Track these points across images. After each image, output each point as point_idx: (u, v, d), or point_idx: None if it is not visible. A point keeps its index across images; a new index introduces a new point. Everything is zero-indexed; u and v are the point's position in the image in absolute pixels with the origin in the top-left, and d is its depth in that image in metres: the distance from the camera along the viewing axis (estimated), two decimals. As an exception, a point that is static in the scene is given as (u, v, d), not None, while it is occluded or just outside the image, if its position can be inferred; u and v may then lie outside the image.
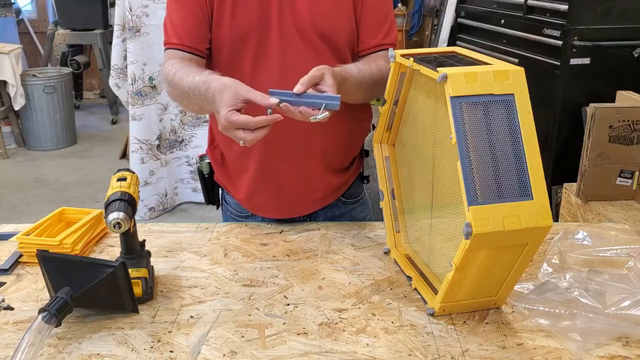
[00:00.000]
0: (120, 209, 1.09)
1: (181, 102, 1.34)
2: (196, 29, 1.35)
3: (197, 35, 1.35)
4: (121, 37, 3.84)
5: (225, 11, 1.33)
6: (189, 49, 1.35)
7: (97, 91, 6.93)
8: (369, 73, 1.30)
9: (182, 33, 1.35)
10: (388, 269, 1.27)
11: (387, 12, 1.40)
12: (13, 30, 6.25)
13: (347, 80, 1.22)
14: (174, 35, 1.36)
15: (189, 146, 3.95)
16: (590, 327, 1.02)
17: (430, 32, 5.69)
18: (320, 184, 1.46)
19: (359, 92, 1.30)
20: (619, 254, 1.24)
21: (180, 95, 1.29)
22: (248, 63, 1.35)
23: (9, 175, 4.63)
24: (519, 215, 0.95)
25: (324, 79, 1.12)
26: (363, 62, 1.34)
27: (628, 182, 2.58)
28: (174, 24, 1.36)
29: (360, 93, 1.31)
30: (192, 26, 1.34)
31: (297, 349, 1.00)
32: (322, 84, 1.12)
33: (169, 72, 1.29)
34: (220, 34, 1.35)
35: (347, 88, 1.21)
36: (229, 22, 1.33)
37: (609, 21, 2.96)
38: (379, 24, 1.39)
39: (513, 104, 0.98)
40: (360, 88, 1.28)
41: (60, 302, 1.01)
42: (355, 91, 1.28)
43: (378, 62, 1.34)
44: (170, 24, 1.37)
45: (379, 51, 1.39)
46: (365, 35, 1.38)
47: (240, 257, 1.32)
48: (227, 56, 1.37)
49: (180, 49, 1.35)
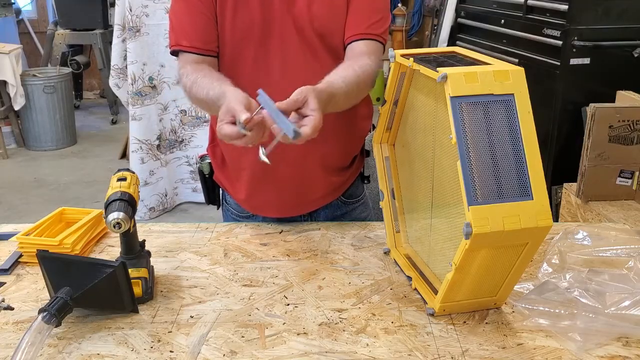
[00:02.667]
0: (120, 209, 1.09)
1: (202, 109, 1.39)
2: (205, 27, 1.35)
3: (207, 34, 1.35)
4: (121, 37, 3.84)
5: (226, 11, 1.33)
6: (201, 51, 1.36)
7: (97, 91, 6.93)
8: (354, 79, 1.25)
9: (192, 34, 1.35)
10: (388, 269, 1.27)
11: (378, 7, 1.38)
12: (13, 30, 6.25)
13: (334, 96, 1.19)
14: (184, 37, 1.36)
15: (189, 146, 3.95)
16: (590, 327, 1.02)
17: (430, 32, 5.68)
18: (319, 183, 1.46)
19: (347, 101, 1.27)
20: (619, 254, 1.24)
21: (199, 105, 1.33)
22: (249, 62, 1.35)
23: (9, 175, 4.63)
24: (519, 215, 0.95)
25: (307, 103, 1.08)
26: (347, 67, 1.28)
27: (628, 182, 2.58)
28: (182, 25, 1.37)
29: (348, 101, 1.28)
30: (201, 25, 1.35)
31: (297, 349, 1.00)
32: (305, 107, 1.09)
33: (185, 84, 1.33)
34: (222, 33, 1.35)
35: (334, 103, 1.19)
36: (230, 22, 1.33)
37: (609, 21, 2.96)
38: (367, 13, 1.35)
39: (513, 104, 0.98)
40: (348, 97, 1.26)
41: (60, 302, 1.01)
42: (343, 102, 1.25)
43: (361, 62, 1.30)
44: (179, 25, 1.37)
45: (362, 40, 1.34)
46: (350, 22, 1.35)
47: (240, 257, 1.32)
48: (229, 55, 1.37)
49: (191, 52, 1.36)
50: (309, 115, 1.07)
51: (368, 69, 1.30)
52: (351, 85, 1.25)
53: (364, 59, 1.31)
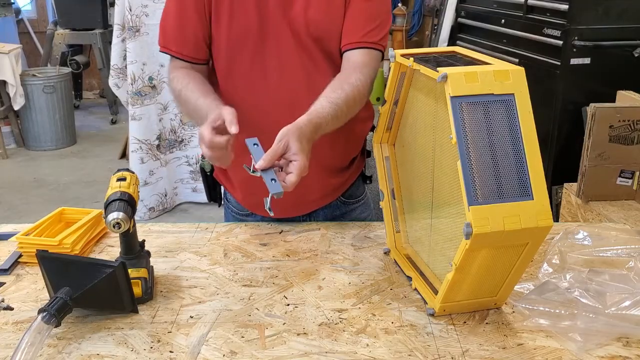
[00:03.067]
0: (119, 209, 1.09)
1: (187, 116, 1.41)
2: (194, 36, 1.35)
3: (196, 41, 1.36)
4: (121, 37, 3.84)
5: (222, 15, 1.33)
6: (189, 59, 1.37)
7: (97, 91, 6.93)
8: (344, 100, 1.23)
9: (180, 41, 1.36)
10: (388, 269, 1.26)
11: (376, 13, 1.34)
12: (13, 30, 6.25)
13: (320, 126, 1.18)
14: (173, 42, 1.37)
15: (188, 146, 3.95)
16: (591, 327, 1.01)
17: (430, 32, 5.68)
18: (317, 184, 1.45)
19: (337, 122, 1.24)
20: (619, 254, 1.24)
21: (186, 113, 1.36)
22: (245, 66, 1.35)
23: (9, 175, 4.62)
24: (519, 215, 0.95)
25: (289, 147, 1.08)
26: (336, 88, 1.26)
27: (628, 182, 2.58)
28: (172, 28, 1.37)
29: (338, 123, 1.25)
30: (190, 34, 1.35)
31: (297, 349, 1.00)
32: (287, 152, 1.08)
33: (175, 88, 1.36)
34: (217, 37, 1.35)
35: (322, 130, 1.19)
36: (226, 26, 1.33)
37: (609, 21, 2.96)
38: (364, 21, 1.33)
39: (513, 104, 0.98)
40: (337, 119, 1.23)
41: (59, 302, 1.01)
42: (333, 125, 1.23)
43: (352, 79, 1.28)
44: (169, 27, 1.37)
45: (358, 49, 1.32)
46: (347, 29, 1.33)
47: (240, 257, 1.32)
48: (225, 59, 1.36)
49: (180, 59, 1.37)
50: (292, 160, 1.08)
51: (359, 85, 1.27)
52: (340, 107, 1.22)
53: (356, 74, 1.29)
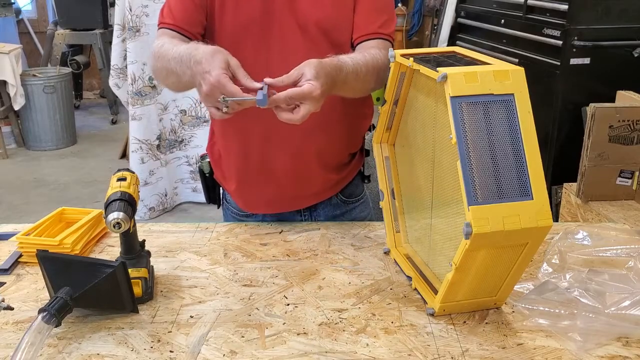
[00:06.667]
0: (120, 209, 1.09)
1: (160, 74, 1.33)
2: (192, 13, 1.35)
3: (193, 18, 1.36)
4: (121, 37, 3.84)
5: (227, 3, 1.33)
6: (182, 31, 1.36)
7: (97, 91, 6.93)
8: (363, 61, 1.26)
9: (178, 15, 1.36)
10: (388, 269, 1.27)
11: (385, 5, 1.39)
12: (13, 30, 6.25)
13: (342, 68, 1.19)
14: (169, 16, 1.37)
15: (188, 146, 3.95)
16: (590, 327, 1.01)
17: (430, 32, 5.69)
18: (316, 179, 1.45)
19: (356, 81, 1.26)
20: (619, 254, 1.24)
21: (162, 67, 1.29)
22: (249, 56, 1.34)
23: (9, 175, 4.63)
24: (519, 215, 0.95)
25: (304, 75, 1.11)
26: (356, 53, 1.31)
27: (628, 182, 2.58)
28: (171, 7, 1.38)
29: (358, 82, 1.27)
30: (189, 10, 1.35)
31: (297, 349, 1.00)
32: (302, 79, 1.11)
33: (156, 46, 1.32)
34: (222, 24, 1.35)
35: (343, 77, 1.19)
36: (231, 13, 1.33)
37: (609, 21, 2.96)
38: (376, 13, 1.36)
39: (513, 104, 0.98)
40: (357, 77, 1.25)
41: (60, 302, 1.01)
42: (353, 80, 1.24)
43: (371, 51, 1.31)
44: (167, 7, 1.38)
45: (374, 39, 1.35)
46: (360, 23, 1.36)
47: (240, 257, 1.32)
48: (229, 49, 1.36)
49: (172, 29, 1.36)
50: (304, 85, 1.09)
51: (377, 57, 1.30)
52: (359, 65, 1.24)
53: (373, 49, 1.32)
